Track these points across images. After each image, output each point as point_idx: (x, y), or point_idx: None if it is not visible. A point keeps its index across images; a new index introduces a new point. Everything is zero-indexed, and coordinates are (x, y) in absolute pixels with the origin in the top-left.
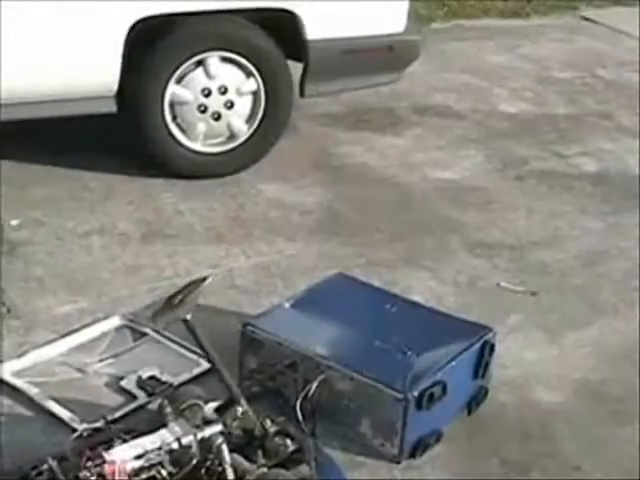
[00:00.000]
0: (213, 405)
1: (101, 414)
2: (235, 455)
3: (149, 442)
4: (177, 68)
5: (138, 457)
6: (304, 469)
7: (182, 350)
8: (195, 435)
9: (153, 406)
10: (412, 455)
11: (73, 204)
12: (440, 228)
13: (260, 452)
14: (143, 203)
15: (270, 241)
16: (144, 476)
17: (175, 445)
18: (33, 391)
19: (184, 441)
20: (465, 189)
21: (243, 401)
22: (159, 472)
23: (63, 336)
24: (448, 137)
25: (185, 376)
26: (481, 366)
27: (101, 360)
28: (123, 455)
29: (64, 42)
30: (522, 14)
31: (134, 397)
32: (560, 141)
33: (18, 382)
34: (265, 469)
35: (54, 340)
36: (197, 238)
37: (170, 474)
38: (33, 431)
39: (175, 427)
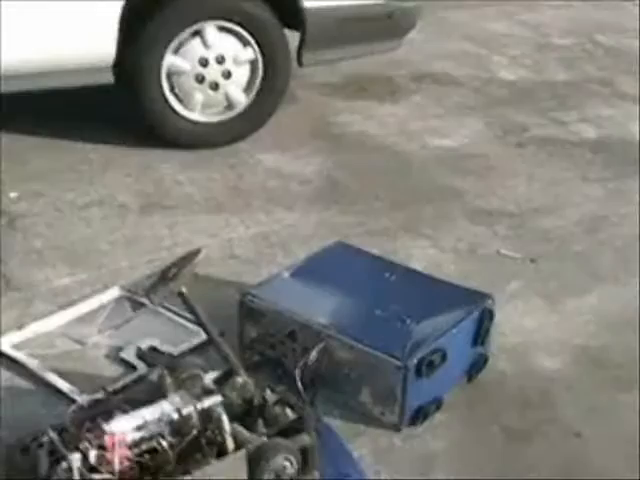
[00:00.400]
0: (212, 376)
1: (101, 385)
2: (235, 424)
3: (149, 413)
4: (174, 38)
5: (138, 428)
6: (304, 438)
7: (181, 320)
8: (195, 405)
9: (153, 376)
10: (412, 423)
11: (72, 176)
12: (440, 196)
13: (260, 421)
14: (142, 174)
15: (269, 211)
16: (144, 447)
17: (175, 415)
18: (33, 363)
19: (184, 411)
20: (464, 157)
21: (242, 371)
22: (159, 443)
23: (62, 308)
24: (447, 105)
25: (185, 346)
26: (480, 333)
27: (100, 331)
28: (123, 426)
29: (60, 13)
30: None
31: (134, 368)
32: (559, 108)
33: (18, 354)
34: (265, 438)
35: (54, 312)
36: (196, 208)
37: (171, 445)
38: (33, 403)
39: (175, 397)
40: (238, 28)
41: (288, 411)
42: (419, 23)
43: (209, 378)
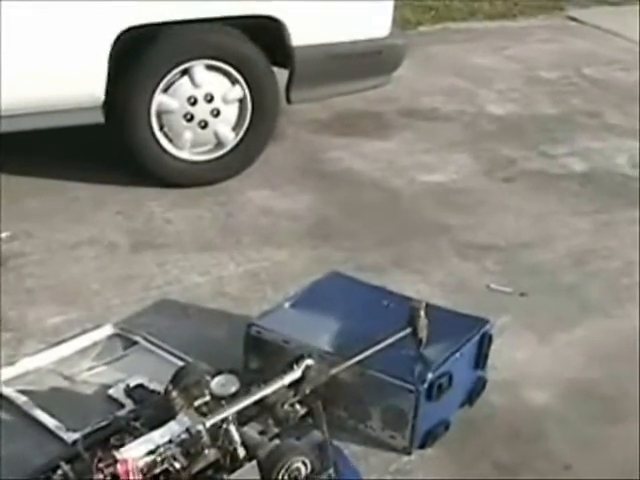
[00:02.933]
0: (221, 379)
1: (87, 422)
2: (246, 429)
3: (159, 436)
4: (163, 77)
5: (149, 452)
6: (316, 434)
7: (172, 358)
8: (204, 424)
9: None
10: (422, 446)
11: (63, 215)
12: (429, 231)
13: (271, 421)
14: (132, 212)
15: (259, 248)
16: (157, 470)
17: (185, 436)
18: (21, 399)
19: (193, 430)
20: (453, 191)
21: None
22: (172, 465)
23: (55, 345)
24: (436, 140)
25: None
26: (481, 357)
27: (90, 369)
28: (134, 452)
29: (50, 53)
30: (509, 16)
31: (122, 405)
32: (548, 141)
33: (7, 391)
34: (277, 441)
35: (45, 349)
36: (186, 246)
37: (182, 466)
38: (22, 441)
39: (183, 418)
40: (227, 67)
41: (297, 407)
42: (407, 59)
43: (217, 382)
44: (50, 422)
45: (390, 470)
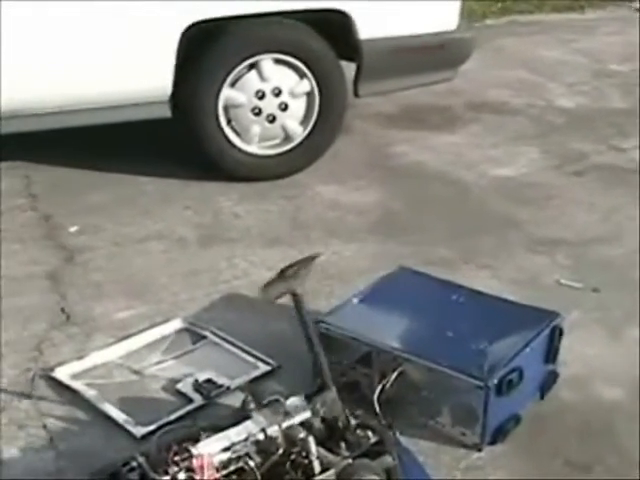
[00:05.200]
0: (295, 400)
1: (156, 417)
2: (319, 447)
3: (234, 434)
4: (230, 71)
5: (225, 449)
6: (387, 459)
7: (241, 353)
8: (280, 425)
9: (234, 402)
10: (493, 442)
11: (130, 209)
12: (498, 225)
13: (342, 444)
14: (200, 207)
15: (327, 242)
16: (232, 468)
17: (261, 436)
18: (90, 393)
19: (269, 431)
20: (523, 185)
21: (334, 388)
22: (247, 463)
23: (123, 339)
24: (504, 134)
25: (242, 379)
26: (552, 351)
27: (159, 363)
28: (210, 448)
29: (118, 48)
30: (576, 8)
31: (190, 400)
32: (617, 135)
33: (76, 384)
34: (350, 460)
35: (114, 343)
36: (254, 241)
37: (257, 465)
38: (91, 434)
39: (259, 418)
40: (294, 60)
41: (370, 434)
42: (475, 52)
43: (291, 403)
44: (119, 416)
45: (460, 467)
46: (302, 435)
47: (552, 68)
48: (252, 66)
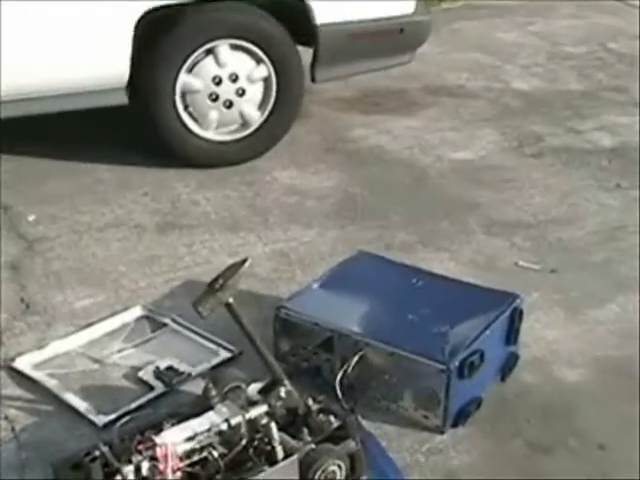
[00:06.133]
0: (257, 386)
1: (118, 405)
2: (281, 433)
3: (197, 424)
4: (187, 57)
5: (188, 439)
6: (350, 444)
7: (201, 340)
8: (243, 416)
9: (196, 389)
10: (455, 425)
11: (87, 197)
12: (457, 208)
13: (305, 430)
14: (158, 194)
15: (287, 228)
16: (195, 458)
17: (224, 426)
18: (51, 383)
19: (233, 422)
20: (481, 168)
21: (286, 381)
22: (210, 453)
23: (84, 328)
24: (462, 117)
25: (204, 366)
26: (512, 332)
27: (120, 351)
28: (173, 438)
29: (74, 35)
30: None
31: (151, 388)
32: (574, 117)
33: (37, 374)
34: (313, 445)
35: (74, 332)
36: (214, 227)
37: (221, 455)
38: (54, 424)
39: (222, 408)
40: (251, 46)
41: (332, 418)
42: (431, 36)
43: (252, 389)
44: (81, 405)
45: (423, 450)
46: (264, 421)
47: (508, 51)
48: (209, 52)
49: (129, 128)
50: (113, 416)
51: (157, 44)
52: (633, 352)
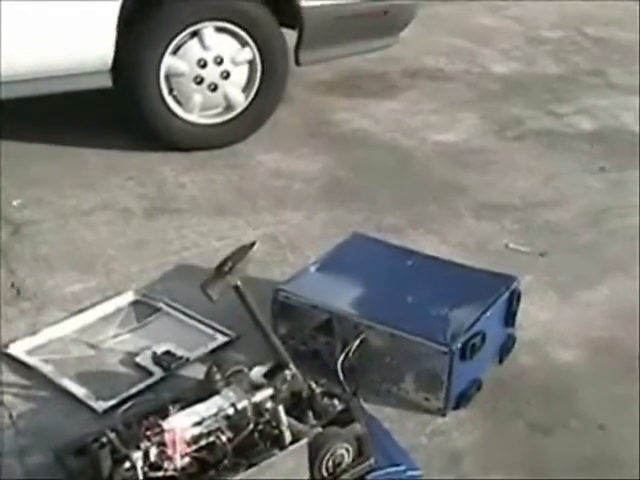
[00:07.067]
0: (260, 370)
1: (117, 391)
2: (288, 417)
3: (204, 409)
4: (172, 40)
5: (196, 424)
6: (356, 426)
7: (197, 324)
8: (249, 400)
9: (194, 374)
10: (456, 407)
11: (72, 181)
12: (443, 191)
13: (310, 413)
14: (144, 177)
15: (275, 211)
16: (203, 442)
17: (231, 410)
18: (47, 369)
19: (239, 406)
20: (464, 151)
21: (291, 364)
22: (218, 438)
23: (77, 313)
24: (442, 100)
25: (201, 350)
26: (510, 314)
27: (115, 336)
28: (181, 423)
29: (57, 18)
30: None
31: (150, 373)
32: (554, 100)
33: (32, 360)
34: (320, 429)
35: (67, 317)
36: (202, 211)
37: (228, 439)
38: (51, 410)
39: (229, 393)
40: (236, 28)
41: (336, 402)
42: None
43: (257, 372)
44: (79, 391)
45: (426, 432)
46: (270, 405)
47: (486, 35)
48: (194, 34)
49: (114, 111)
50: (113, 402)
51: (142, 26)
52: (624, 333)
